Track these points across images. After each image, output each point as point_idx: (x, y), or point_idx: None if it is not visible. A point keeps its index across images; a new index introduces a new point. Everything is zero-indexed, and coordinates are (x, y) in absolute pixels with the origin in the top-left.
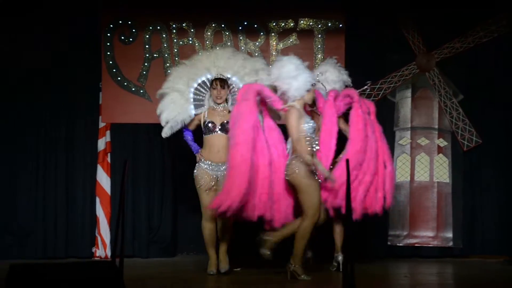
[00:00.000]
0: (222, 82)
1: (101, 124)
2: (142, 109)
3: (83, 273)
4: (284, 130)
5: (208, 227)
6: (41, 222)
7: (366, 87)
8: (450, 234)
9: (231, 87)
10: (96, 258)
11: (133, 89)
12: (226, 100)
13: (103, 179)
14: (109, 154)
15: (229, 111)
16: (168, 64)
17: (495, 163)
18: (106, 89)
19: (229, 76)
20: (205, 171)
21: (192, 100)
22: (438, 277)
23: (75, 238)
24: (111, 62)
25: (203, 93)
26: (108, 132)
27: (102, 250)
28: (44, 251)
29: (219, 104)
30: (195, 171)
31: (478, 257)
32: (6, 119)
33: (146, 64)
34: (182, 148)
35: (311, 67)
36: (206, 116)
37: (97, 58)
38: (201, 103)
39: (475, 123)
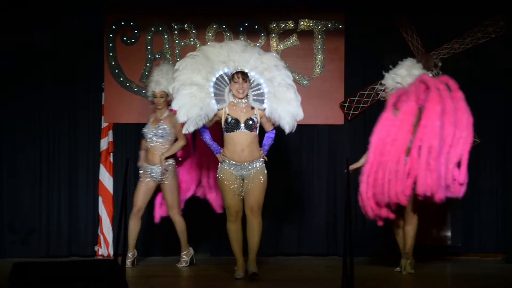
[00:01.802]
0: (244, 75)
1: (104, 124)
2: (144, 109)
3: (85, 272)
4: None
5: (233, 229)
6: (45, 221)
7: None
8: (448, 233)
9: (250, 81)
10: (98, 257)
11: (135, 89)
12: (247, 96)
13: (106, 179)
14: (111, 154)
15: (252, 108)
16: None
17: (493, 163)
18: (108, 89)
19: (247, 70)
20: (230, 172)
21: (213, 94)
22: (436, 276)
23: (78, 237)
24: (113, 63)
25: (223, 88)
26: (110, 132)
27: (105, 249)
28: (47, 249)
29: (240, 99)
30: (218, 173)
31: (476, 256)
32: (8, 117)
33: (148, 64)
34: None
35: (311, 68)
36: (227, 112)
37: (99, 59)
38: (222, 98)
39: (473, 123)
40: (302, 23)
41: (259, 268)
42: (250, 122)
